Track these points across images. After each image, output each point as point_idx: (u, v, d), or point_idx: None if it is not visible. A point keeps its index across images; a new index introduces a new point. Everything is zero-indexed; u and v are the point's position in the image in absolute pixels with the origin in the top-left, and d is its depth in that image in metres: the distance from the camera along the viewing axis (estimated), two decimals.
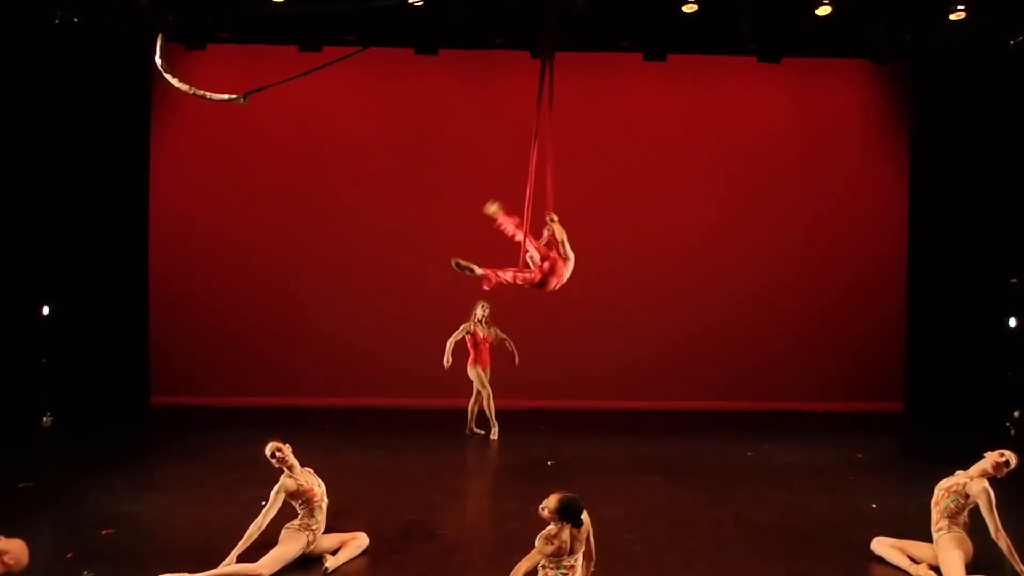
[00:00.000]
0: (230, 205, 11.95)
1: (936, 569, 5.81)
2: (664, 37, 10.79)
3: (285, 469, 6.05)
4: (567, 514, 4.85)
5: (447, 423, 10.60)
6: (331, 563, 5.83)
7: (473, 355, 10.08)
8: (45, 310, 10.66)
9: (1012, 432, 10.57)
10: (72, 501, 7.18)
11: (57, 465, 8.47)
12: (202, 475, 8.21)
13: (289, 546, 5.90)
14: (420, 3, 9.35)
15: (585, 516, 5.00)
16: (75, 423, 10.34)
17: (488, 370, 10.10)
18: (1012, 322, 11.18)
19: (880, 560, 6.06)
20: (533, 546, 4.96)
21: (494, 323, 10.13)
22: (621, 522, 6.66)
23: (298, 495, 6.01)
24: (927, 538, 6.02)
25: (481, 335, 10.03)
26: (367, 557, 6.08)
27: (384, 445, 9.71)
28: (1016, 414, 10.74)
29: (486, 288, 7.94)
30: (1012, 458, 5.86)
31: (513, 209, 8.23)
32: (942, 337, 11.68)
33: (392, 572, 5.93)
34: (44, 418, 10.25)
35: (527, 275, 7.84)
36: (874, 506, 7.44)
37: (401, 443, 9.80)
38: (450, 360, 9.89)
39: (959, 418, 11.09)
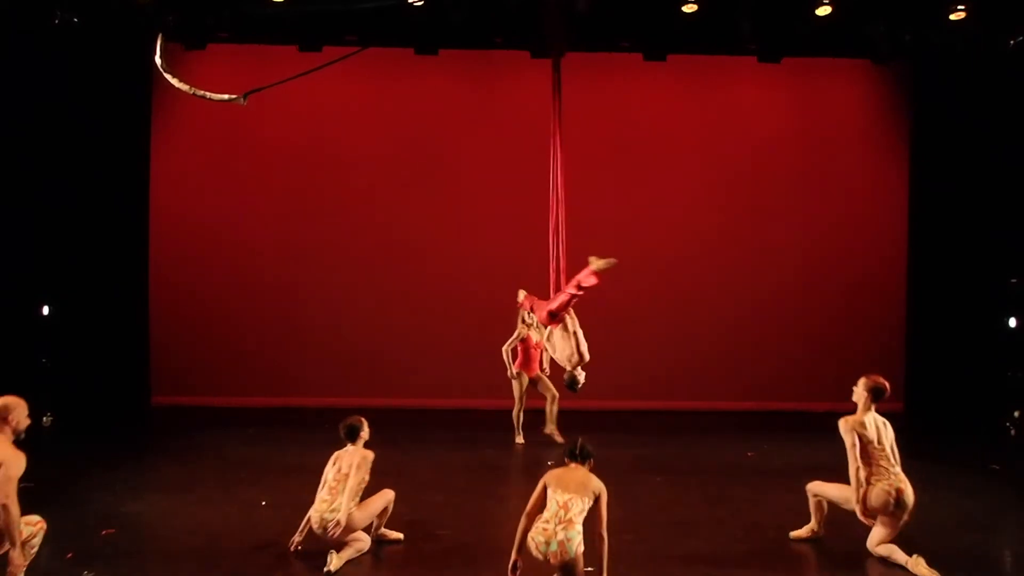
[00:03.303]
0: (230, 205, 11.96)
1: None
2: (664, 37, 10.80)
3: (359, 445, 6.26)
4: (569, 451, 5.48)
5: (447, 423, 10.59)
6: (334, 564, 5.81)
7: (521, 360, 9.70)
8: (45, 310, 10.67)
9: (1012, 432, 10.57)
10: (72, 501, 7.18)
11: (57, 465, 8.46)
12: (202, 475, 8.20)
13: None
14: (420, 3, 9.36)
15: (603, 487, 5.23)
16: (75, 423, 10.34)
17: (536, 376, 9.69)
18: (1012, 322, 11.18)
19: (880, 560, 6.06)
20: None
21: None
22: (621, 522, 6.63)
23: None
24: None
25: (534, 340, 9.53)
26: (367, 557, 6.08)
27: (384, 445, 9.65)
28: (1016, 414, 10.73)
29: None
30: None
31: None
32: (942, 337, 11.69)
33: (392, 572, 5.93)
34: (44, 418, 10.24)
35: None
36: None
37: (401, 443, 9.79)
38: (514, 370, 9.67)
39: (959, 418, 11.10)
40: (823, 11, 9.62)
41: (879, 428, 6.16)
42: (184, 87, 7.67)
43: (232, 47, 11.15)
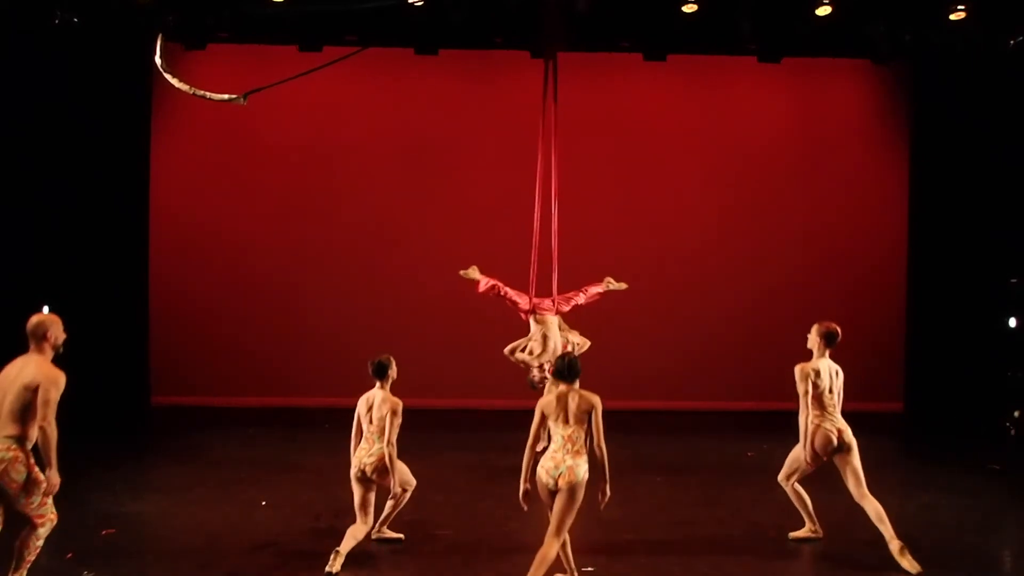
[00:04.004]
0: (230, 205, 11.96)
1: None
2: (664, 37, 10.79)
3: (387, 388, 6.47)
4: (557, 370, 5.72)
5: (447, 423, 10.58)
6: (336, 565, 5.79)
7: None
8: (45, 310, 10.63)
9: (1012, 432, 10.57)
10: (72, 501, 7.17)
11: (57, 465, 8.45)
12: (202, 475, 8.21)
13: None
14: (420, 3, 9.36)
15: (596, 400, 5.55)
16: (75, 423, 10.31)
17: None
18: (1012, 322, 11.18)
19: (880, 561, 6.05)
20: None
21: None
22: (621, 522, 6.66)
23: None
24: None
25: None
26: (367, 557, 6.08)
27: None
28: (1016, 414, 10.74)
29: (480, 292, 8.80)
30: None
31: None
32: (942, 337, 11.67)
33: (392, 572, 5.94)
34: None
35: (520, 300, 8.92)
36: None
37: (401, 443, 9.76)
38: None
39: (959, 418, 11.10)
40: (823, 11, 9.62)
41: (832, 376, 6.34)
42: (184, 87, 7.67)
43: (232, 47, 11.14)
